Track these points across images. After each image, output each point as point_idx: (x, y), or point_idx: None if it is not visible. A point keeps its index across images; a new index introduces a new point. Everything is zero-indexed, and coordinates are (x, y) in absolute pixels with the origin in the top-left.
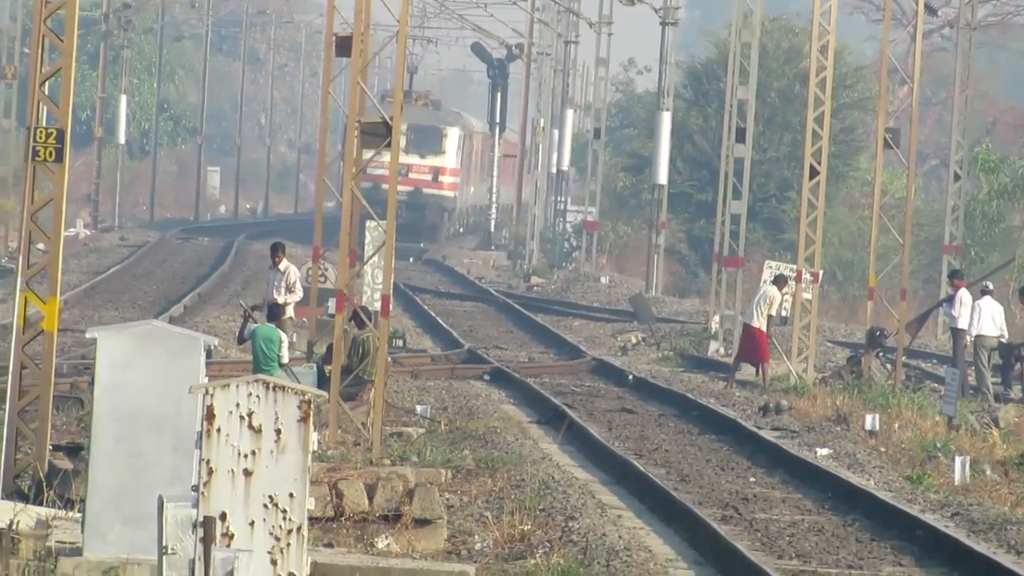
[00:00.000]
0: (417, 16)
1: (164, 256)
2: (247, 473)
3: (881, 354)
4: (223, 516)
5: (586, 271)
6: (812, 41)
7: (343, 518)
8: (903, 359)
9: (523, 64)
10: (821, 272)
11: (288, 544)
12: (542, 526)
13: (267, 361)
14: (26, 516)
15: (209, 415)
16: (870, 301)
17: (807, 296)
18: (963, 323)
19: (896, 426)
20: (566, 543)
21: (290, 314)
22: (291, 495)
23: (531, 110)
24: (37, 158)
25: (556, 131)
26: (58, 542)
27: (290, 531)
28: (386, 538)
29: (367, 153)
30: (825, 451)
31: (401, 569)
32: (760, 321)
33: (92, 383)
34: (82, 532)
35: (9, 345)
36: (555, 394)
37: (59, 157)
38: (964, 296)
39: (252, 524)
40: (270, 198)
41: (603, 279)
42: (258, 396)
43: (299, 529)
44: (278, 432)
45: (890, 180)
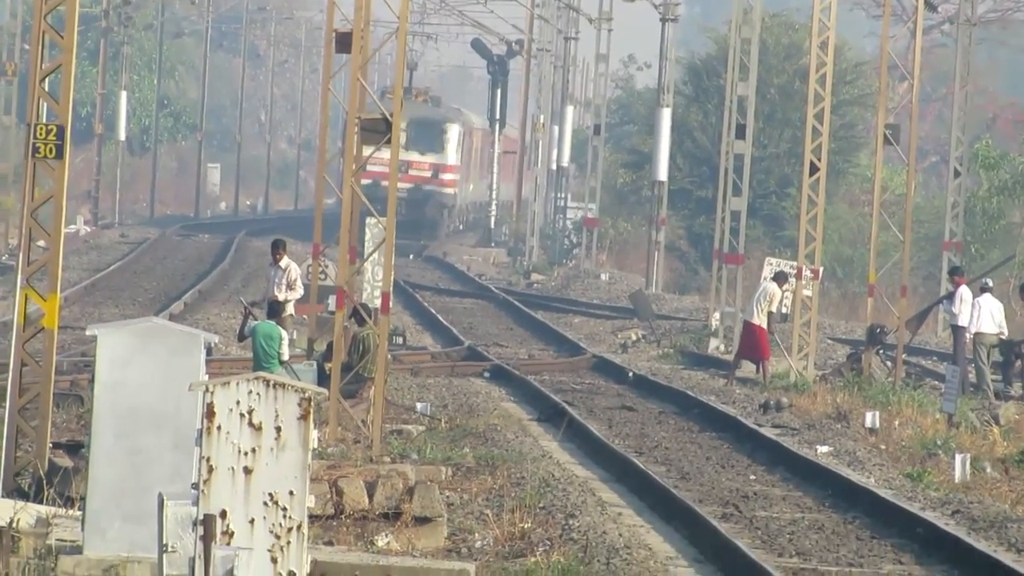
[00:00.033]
0: (417, 12)
1: (164, 253)
2: (247, 471)
3: (881, 351)
4: (223, 514)
5: (586, 268)
6: (812, 37)
7: (343, 516)
8: (903, 356)
9: (523, 60)
10: (821, 269)
11: (288, 542)
12: (542, 524)
13: (267, 358)
14: (26, 514)
15: (209, 412)
16: (870, 298)
17: (807, 293)
18: (963, 320)
19: (896, 423)
20: (566, 541)
21: (290, 311)
22: (291, 493)
23: (531, 106)
24: (37, 155)
25: (556, 127)
26: (58, 540)
27: (290, 529)
28: (386, 536)
29: (367, 150)
30: (825, 448)
31: (401, 567)
32: (760, 318)
33: (92, 380)
34: (82, 530)
35: (9, 342)
36: (555, 391)
37: (59, 154)
38: (964, 293)
39: (252, 522)
40: (270, 195)
41: (603, 276)
42: (258, 394)
43: (299, 527)
44: (278, 430)
45: (890, 176)
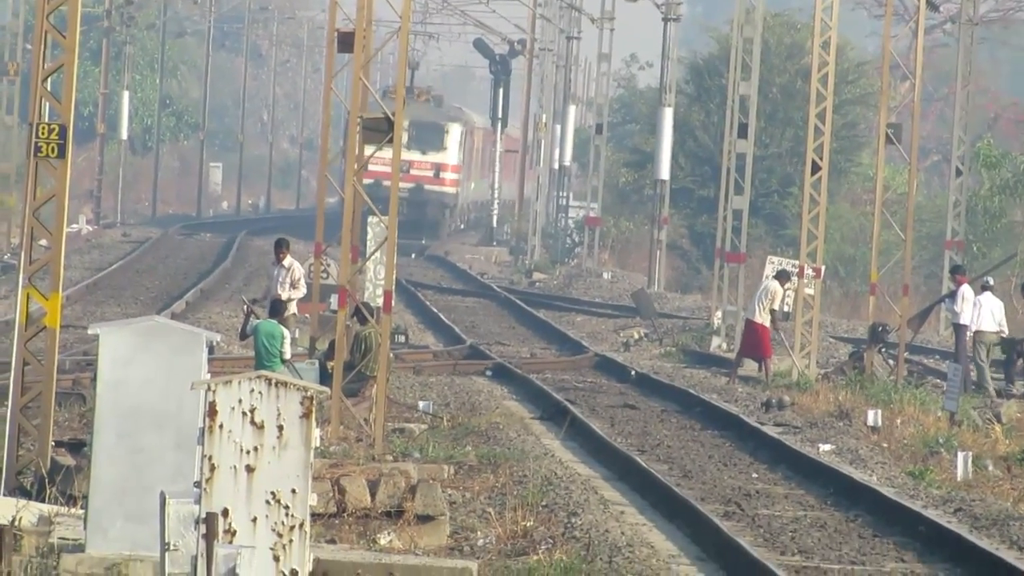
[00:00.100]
0: (419, 12)
1: (166, 252)
2: (249, 469)
3: (883, 350)
4: (225, 512)
5: (588, 267)
6: (814, 37)
7: (345, 514)
8: (905, 355)
9: (525, 60)
10: (823, 268)
11: (290, 540)
12: (544, 522)
13: (269, 357)
14: (28, 512)
15: (211, 411)
16: (872, 297)
17: (809, 292)
18: (965, 319)
19: (898, 422)
20: (569, 539)
21: (293, 310)
22: (293, 491)
23: (533, 106)
24: (39, 154)
25: (558, 127)
26: (60, 538)
27: (292, 527)
28: (388, 534)
29: (369, 149)
30: (827, 447)
31: (403, 565)
32: (762, 317)
33: (94, 379)
34: (84, 528)
35: (11, 341)
36: (557, 390)
37: (61, 153)
38: (966, 292)
39: (254, 520)
40: (272, 194)
41: (605, 275)
42: (260, 392)
43: (301, 525)
44: (280, 428)
45: (892, 176)
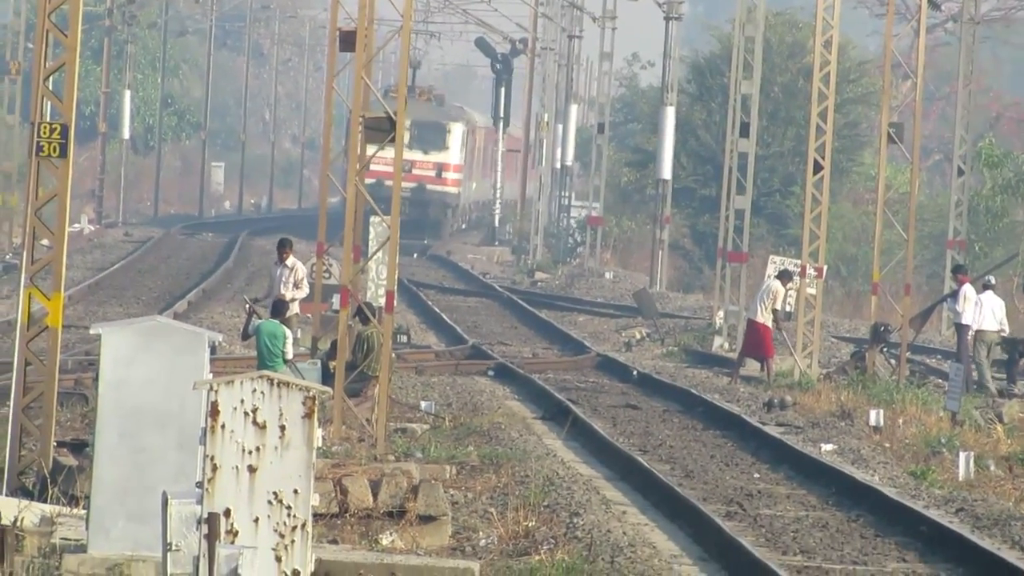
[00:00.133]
0: (421, 11)
1: (168, 252)
2: (251, 469)
3: (885, 349)
4: (227, 512)
5: (590, 266)
6: (816, 36)
7: (347, 514)
8: (907, 354)
9: (527, 59)
10: (825, 267)
11: (292, 540)
12: (546, 522)
13: (271, 357)
14: (31, 513)
15: (213, 411)
16: (874, 296)
17: (811, 291)
18: (967, 318)
19: (900, 422)
20: (571, 539)
21: (295, 310)
22: (295, 491)
23: (535, 105)
24: (41, 153)
25: (560, 126)
26: (62, 539)
27: (294, 527)
28: (390, 534)
29: (371, 149)
30: (829, 447)
31: (405, 566)
32: (764, 316)
33: (96, 379)
34: (86, 529)
35: (13, 341)
36: (559, 390)
37: (63, 152)
38: (968, 291)
39: (256, 520)
40: (274, 194)
41: (607, 274)
42: (262, 392)
43: (303, 525)
44: (282, 428)
45: (894, 175)
